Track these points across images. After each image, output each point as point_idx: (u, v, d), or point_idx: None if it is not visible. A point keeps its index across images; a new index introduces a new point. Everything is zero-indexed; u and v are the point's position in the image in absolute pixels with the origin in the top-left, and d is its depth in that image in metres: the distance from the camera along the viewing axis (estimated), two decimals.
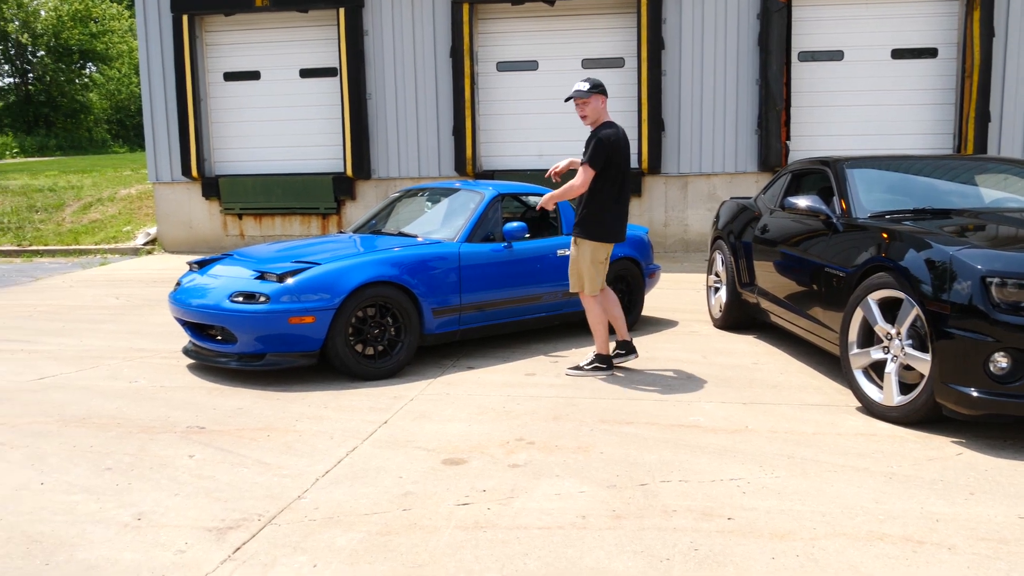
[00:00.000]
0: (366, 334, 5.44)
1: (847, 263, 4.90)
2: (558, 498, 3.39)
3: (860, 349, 4.69)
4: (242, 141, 12.99)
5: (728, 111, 11.95)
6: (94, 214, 14.93)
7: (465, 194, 6.61)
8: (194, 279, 5.80)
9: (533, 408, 4.71)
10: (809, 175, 6.42)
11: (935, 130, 11.89)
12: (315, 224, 12.85)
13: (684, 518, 3.19)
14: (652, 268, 7.35)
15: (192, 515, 3.26)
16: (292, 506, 3.34)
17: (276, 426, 4.41)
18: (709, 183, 12.13)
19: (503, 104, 12.42)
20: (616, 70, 12.15)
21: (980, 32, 11.22)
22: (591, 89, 5.33)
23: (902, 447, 4.03)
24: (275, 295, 5.18)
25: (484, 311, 6.04)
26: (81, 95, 40.63)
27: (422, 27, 12.28)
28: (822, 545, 2.95)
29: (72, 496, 3.47)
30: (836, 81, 11.91)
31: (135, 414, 4.67)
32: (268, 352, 5.25)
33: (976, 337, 3.92)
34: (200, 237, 13.19)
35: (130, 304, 8.52)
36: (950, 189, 5.73)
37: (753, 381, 5.32)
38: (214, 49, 12.91)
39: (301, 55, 12.73)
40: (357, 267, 5.40)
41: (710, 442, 4.10)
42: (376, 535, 3.06)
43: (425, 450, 4.02)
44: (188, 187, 13.07)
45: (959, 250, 4.09)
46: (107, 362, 5.99)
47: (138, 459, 3.92)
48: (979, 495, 3.43)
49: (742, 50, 11.82)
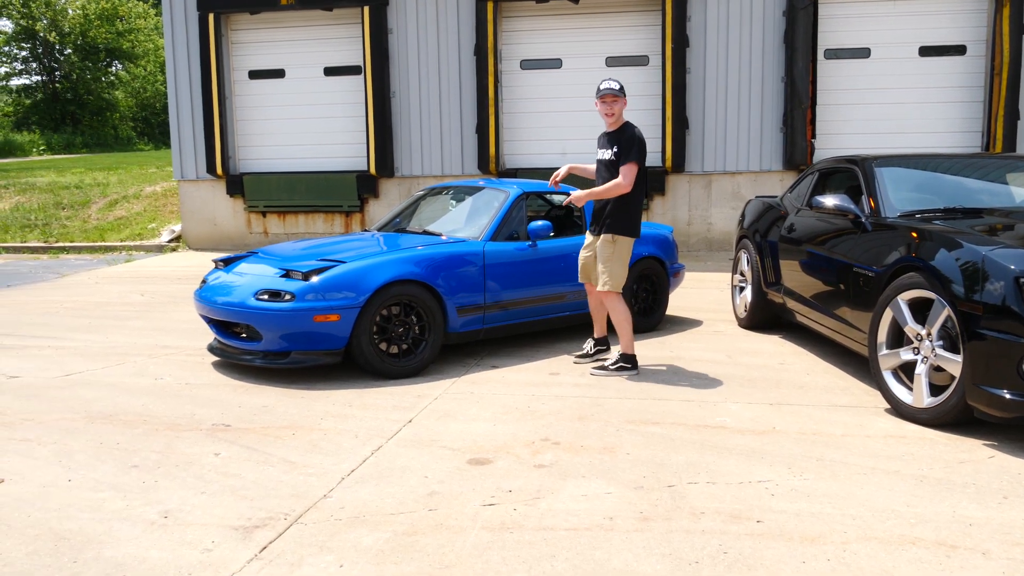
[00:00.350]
0: (390, 332, 5.44)
1: (876, 263, 4.84)
2: (585, 499, 3.37)
3: (889, 350, 4.63)
4: (266, 139, 13.06)
5: (753, 109, 11.86)
6: (120, 211, 15.07)
7: (489, 192, 6.60)
8: (219, 277, 5.83)
9: (558, 408, 4.69)
10: (836, 174, 6.35)
11: (963, 128, 11.74)
12: (338, 222, 12.89)
13: (712, 520, 3.16)
14: (677, 267, 7.31)
15: (218, 513, 3.26)
16: (318, 505, 3.34)
17: (301, 424, 4.42)
18: (733, 181, 12.05)
19: (527, 102, 12.40)
20: (640, 68, 12.10)
21: (1010, 29, 11.06)
22: (621, 89, 5.39)
23: (932, 449, 3.97)
24: (300, 293, 5.19)
25: (508, 310, 6.02)
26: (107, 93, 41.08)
27: (446, 25, 12.28)
28: (853, 549, 2.91)
29: (99, 493, 3.49)
30: (863, 79, 11.79)
31: (161, 411, 4.69)
32: (293, 350, 5.27)
33: (1009, 338, 3.85)
34: (224, 234, 13.27)
35: (155, 301, 8.59)
36: (980, 188, 5.65)
37: (779, 382, 5.27)
38: (239, 47, 12.98)
39: (326, 53, 12.77)
40: (382, 265, 5.39)
41: (737, 443, 4.06)
42: (402, 535, 3.05)
43: (450, 449, 4.01)
44: (213, 185, 13.16)
45: (992, 250, 4.02)
46: (133, 359, 6.03)
47: (164, 456, 3.94)
48: (1012, 499, 3.37)
49: (767, 47, 11.73)
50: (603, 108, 5.38)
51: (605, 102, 5.35)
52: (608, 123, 5.45)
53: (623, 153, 5.33)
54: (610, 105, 5.35)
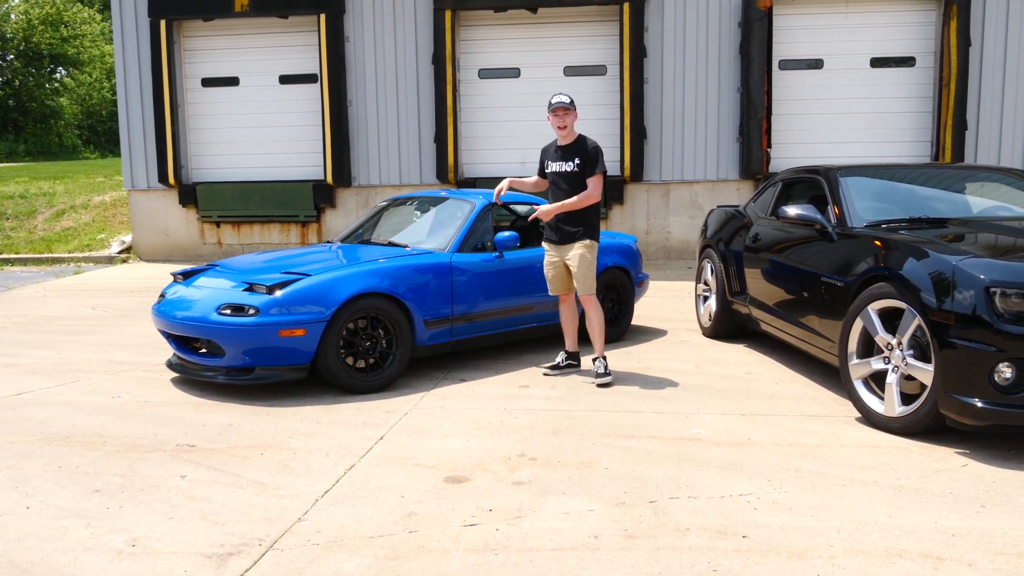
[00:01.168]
0: (357, 346, 5.33)
1: (845, 273, 4.87)
2: (567, 517, 3.31)
3: (860, 359, 4.65)
4: (220, 148, 12.80)
5: (710, 119, 11.95)
6: (67, 221, 14.66)
7: (454, 203, 6.52)
8: (178, 291, 5.66)
9: (531, 422, 4.62)
10: (799, 184, 6.40)
11: (913, 138, 11.98)
12: (294, 232, 12.69)
13: (698, 536, 3.12)
14: (641, 277, 7.30)
15: (189, 540, 3.13)
16: (293, 529, 3.23)
17: (269, 443, 4.29)
18: (691, 191, 12.13)
19: (485, 111, 12.35)
20: (598, 78, 12.13)
21: (957, 42, 11.32)
22: (572, 103, 5.53)
23: (907, 459, 3.99)
24: (265, 307, 5.06)
25: (476, 322, 5.95)
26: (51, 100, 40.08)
27: (404, 34, 12.18)
28: (841, 563, 2.89)
29: (61, 521, 3.34)
30: (816, 89, 11.97)
31: (121, 431, 4.52)
32: (257, 366, 5.13)
33: (980, 347, 3.89)
34: (177, 245, 12.97)
35: (107, 315, 8.34)
36: (942, 198, 5.73)
37: (749, 392, 5.27)
38: (192, 54, 12.72)
39: (281, 61, 12.58)
40: (348, 278, 5.29)
41: (715, 456, 4.04)
42: (384, 559, 2.95)
43: (425, 467, 3.92)
44: (164, 194, 12.86)
45: (962, 260, 4.07)
46: (87, 376, 5.83)
47: (128, 480, 3.79)
48: (990, 508, 3.39)
49: (724, 58, 11.84)
50: (555, 121, 5.50)
51: (557, 115, 5.48)
52: (561, 136, 5.57)
53: (589, 165, 5.47)
54: (562, 118, 5.48)
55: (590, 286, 5.55)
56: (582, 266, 5.51)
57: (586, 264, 5.51)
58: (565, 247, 5.57)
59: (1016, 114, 11.56)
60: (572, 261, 5.54)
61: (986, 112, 11.61)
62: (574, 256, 5.53)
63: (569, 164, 5.52)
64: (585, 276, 5.52)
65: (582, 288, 5.56)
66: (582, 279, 5.53)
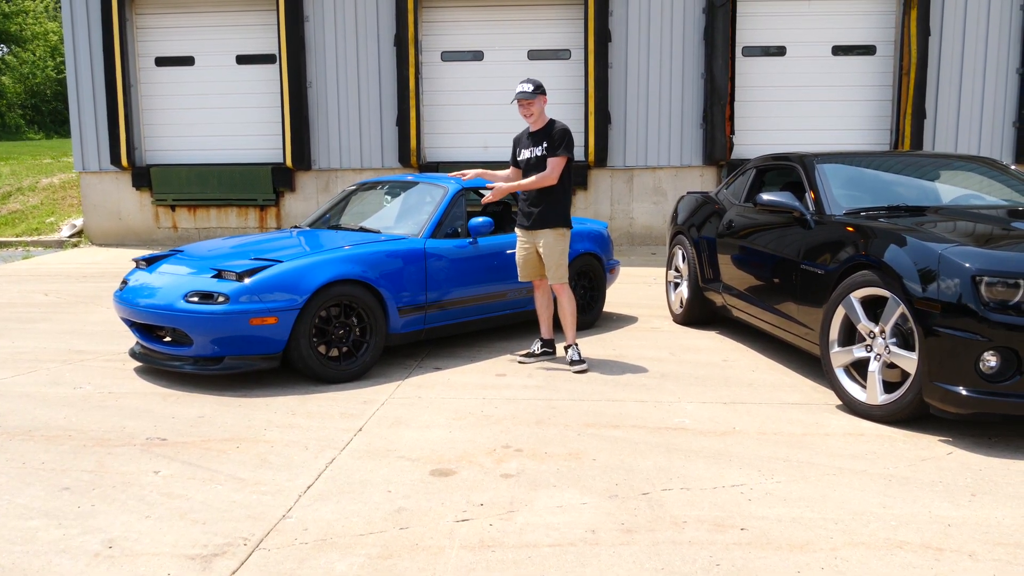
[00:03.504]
0: (330, 335, 5.18)
1: (826, 260, 4.85)
2: (561, 511, 3.23)
3: (841, 347, 4.64)
4: (175, 129, 12.46)
5: (674, 105, 11.95)
6: (14, 204, 14.17)
7: (426, 188, 6.39)
8: (141, 277, 5.45)
9: (513, 412, 4.54)
10: (774, 171, 6.39)
11: (873, 126, 12.11)
12: (253, 216, 12.42)
13: (696, 530, 3.06)
14: (612, 263, 7.26)
15: (169, 541, 2.99)
16: (278, 527, 3.10)
17: (244, 436, 4.14)
18: (655, 176, 12.12)
19: (448, 95, 12.19)
20: (563, 62, 12.04)
21: (917, 31, 11.45)
22: (535, 90, 5.43)
23: (892, 447, 3.98)
24: (235, 295, 4.88)
25: (450, 309, 5.84)
26: None
27: (365, 14, 11.95)
28: (843, 555, 2.86)
29: (30, 521, 3.16)
30: (779, 76, 12.03)
31: (86, 424, 4.33)
32: (226, 355, 4.96)
33: (966, 336, 3.89)
34: (130, 229, 12.61)
35: (61, 301, 8.05)
36: (914, 185, 5.74)
37: (728, 379, 5.25)
38: (145, 32, 12.34)
39: (238, 40, 12.27)
40: (321, 264, 5.13)
41: (702, 445, 3.99)
42: (377, 559, 2.84)
43: (409, 460, 3.81)
44: (117, 177, 12.48)
45: (947, 248, 4.06)
46: (45, 366, 5.59)
47: (98, 476, 3.61)
48: (981, 496, 3.40)
49: (688, 44, 11.83)
50: (522, 110, 5.47)
51: (522, 105, 5.43)
52: (530, 123, 5.52)
53: (553, 147, 5.41)
54: (527, 107, 5.44)
55: (562, 275, 5.49)
56: (553, 254, 5.44)
57: (558, 252, 5.44)
58: (535, 232, 5.49)
59: (973, 103, 11.75)
60: (544, 249, 5.47)
61: (944, 101, 11.78)
62: (546, 244, 5.45)
63: (538, 149, 5.47)
64: (557, 264, 5.46)
65: (554, 277, 5.49)
66: (554, 267, 5.47)
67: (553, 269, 5.47)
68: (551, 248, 5.43)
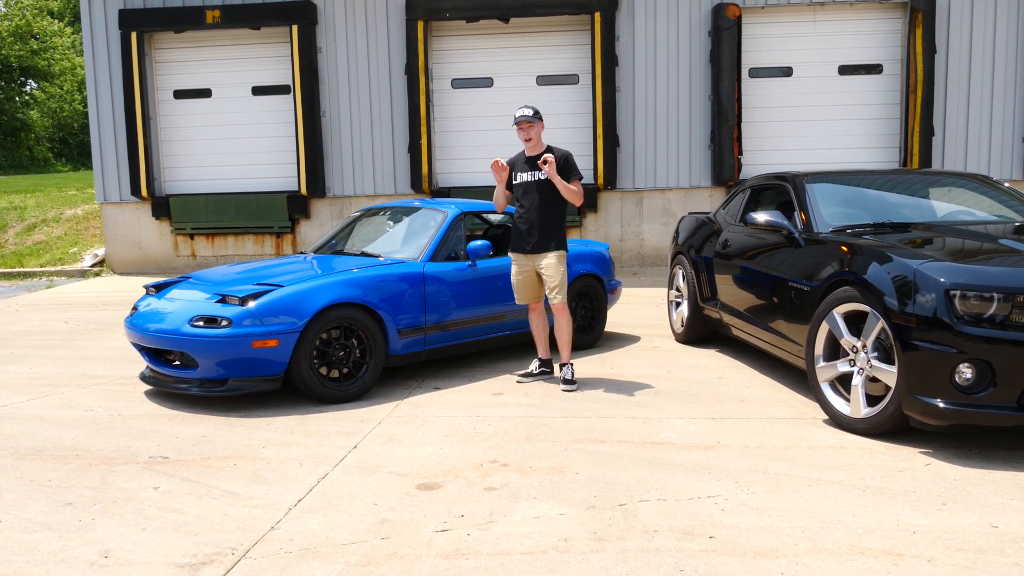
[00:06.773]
0: (331, 357, 5.35)
1: (811, 277, 4.96)
2: (538, 521, 3.35)
3: (826, 362, 4.74)
4: (193, 160, 12.77)
5: (682, 127, 12.08)
6: (39, 235, 14.55)
7: (427, 213, 6.56)
8: (151, 303, 5.66)
9: (504, 429, 4.67)
10: (767, 190, 6.50)
11: (881, 144, 12.17)
12: (269, 243, 12.67)
13: (666, 538, 3.17)
14: (614, 284, 7.37)
15: (162, 551, 3.15)
16: (266, 538, 3.25)
17: (243, 454, 4.31)
18: (664, 198, 12.24)
19: (459, 121, 12.41)
20: (571, 87, 12.23)
21: (923, 48, 11.52)
22: (536, 115, 5.66)
23: (872, 459, 4.07)
24: (237, 319, 5.07)
25: (449, 331, 5.99)
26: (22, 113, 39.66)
27: (376, 44, 12.23)
28: (805, 561, 2.95)
29: (32, 534, 3.33)
30: (786, 97, 12.14)
31: (94, 445, 4.52)
32: (231, 377, 5.13)
33: (941, 349, 3.98)
34: (150, 258, 12.91)
35: (80, 328, 8.29)
36: (905, 203, 5.84)
37: (720, 396, 5.34)
38: (164, 67, 12.69)
39: (253, 72, 12.58)
40: (321, 288, 5.31)
41: (684, 459, 4.10)
42: (356, 566, 2.98)
43: (398, 475, 3.95)
44: (137, 207, 12.80)
45: (923, 264, 4.16)
46: (60, 390, 5.80)
47: (100, 492, 3.79)
48: (951, 505, 3.47)
49: (694, 66, 11.98)
50: (521, 134, 5.69)
51: (522, 128, 5.66)
52: (528, 147, 5.73)
53: (565, 173, 5.61)
54: (527, 131, 5.66)
55: (563, 296, 5.64)
56: (556, 276, 5.60)
57: (560, 273, 5.62)
58: (537, 256, 5.64)
59: (982, 119, 11.79)
60: (546, 271, 5.62)
61: (952, 118, 11.83)
62: (548, 266, 5.61)
63: (540, 173, 5.62)
64: (560, 285, 5.61)
65: (556, 298, 5.63)
66: (556, 289, 5.61)
67: (555, 291, 5.62)
68: (554, 270, 5.60)
